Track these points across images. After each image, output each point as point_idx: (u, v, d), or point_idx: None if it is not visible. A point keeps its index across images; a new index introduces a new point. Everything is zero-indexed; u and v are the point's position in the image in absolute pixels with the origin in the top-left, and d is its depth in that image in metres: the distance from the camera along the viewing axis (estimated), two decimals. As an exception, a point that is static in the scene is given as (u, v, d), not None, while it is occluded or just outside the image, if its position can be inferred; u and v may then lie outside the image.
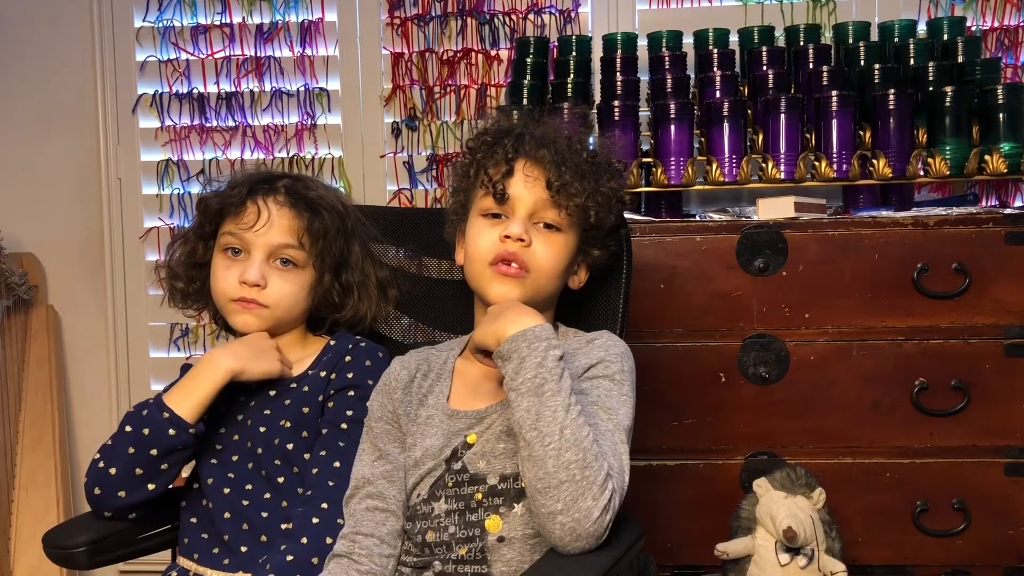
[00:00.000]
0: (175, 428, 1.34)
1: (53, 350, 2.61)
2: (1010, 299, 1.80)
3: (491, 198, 1.33)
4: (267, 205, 1.45)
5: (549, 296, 1.36)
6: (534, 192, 1.32)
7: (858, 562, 1.83)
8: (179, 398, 1.36)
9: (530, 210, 1.32)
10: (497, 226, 1.32)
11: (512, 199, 1.32)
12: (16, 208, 2.65)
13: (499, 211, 1.33)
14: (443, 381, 1.36)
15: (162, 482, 1.37)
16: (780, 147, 1.99)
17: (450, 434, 1.29)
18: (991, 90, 1.97)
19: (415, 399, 1.35)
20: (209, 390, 1.37)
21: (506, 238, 1.30)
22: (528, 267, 1.30)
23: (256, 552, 1.35)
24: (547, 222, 1.33)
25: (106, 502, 1.38)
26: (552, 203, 1.32)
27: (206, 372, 1.38)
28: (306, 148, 2.57)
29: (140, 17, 2.61)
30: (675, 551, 1.88)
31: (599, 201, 1.34)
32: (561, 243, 1.33)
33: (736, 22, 2.36)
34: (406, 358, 1.41)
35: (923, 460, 1.83)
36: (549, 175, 1.32)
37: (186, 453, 1.38)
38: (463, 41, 2.52)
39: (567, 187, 1.31)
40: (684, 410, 1.87)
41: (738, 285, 1.84)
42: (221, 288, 1.45)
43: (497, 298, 1.30)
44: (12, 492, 2.43)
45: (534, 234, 1.31)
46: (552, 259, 1.32)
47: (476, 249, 1.33)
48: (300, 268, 1.46)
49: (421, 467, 1.29)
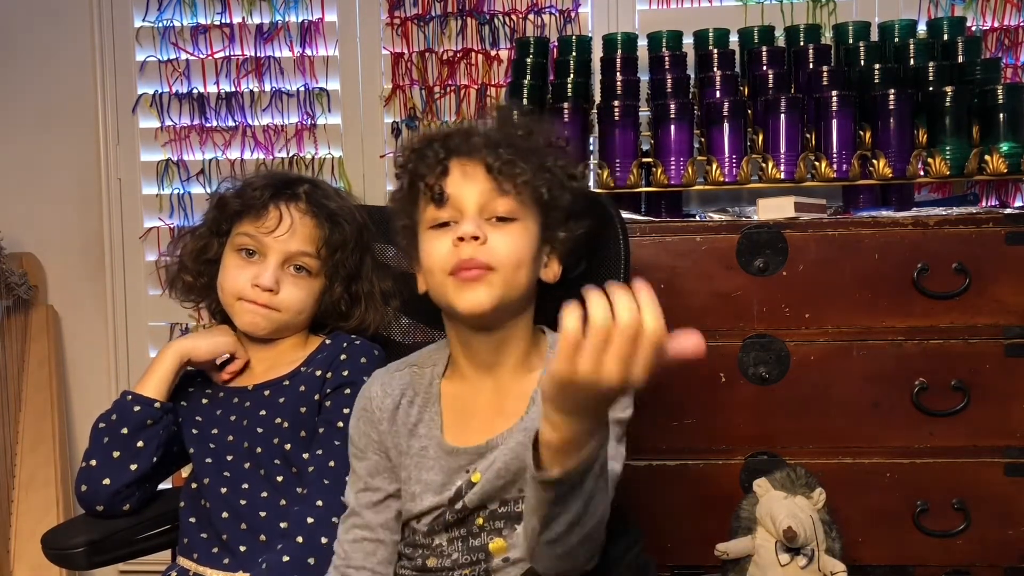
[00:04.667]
0: (139, 405, 1.41)
1: (53, 350, 2.61)
2: (1010, 299, 1.80)
3: (434, 205, 1.23)
4: (290, 211, 1.45)
5: (523, 292, 1.24)
6: (476, 184, 1.22)
7: (858, 562, 1.82)
8: (140, 385, 1.45)
9: (477, 205, 1.22)
10: (448, 233, 1.22)
11: (454, 198, 1.22)
12: (16, 208, 2.66)
13: (447, 217, 1.23)
14: (431, 407, 1.29)
15: (142, 462, 1.40)
16: (780, 147, 1.99)
17: (450, 471, 1.23)
18: (991, 90, 1.97)
19: (403, 429, 1.28)
20: (164, 371, 1.43)
21: (459, 240, 1.19)
22: (490, 264, 1.19)
23: (255, 551, 1.35)
24: (499, 215, 1.22)
25: (94, 494, 1.40)
26: (498, 191, 1.22)
27: (159, 357, 1.45)
28: (306, 148, 2.57)
29: (140, 17, 2.61)
30: (675, 551, 1.88)
31: (547, 178, 1.25)
32: (520, 231, 1.23)
33: (736, 22, 2.36)
34: (387, 380, 1.32)
35: (923, 460, 1.83)
36: (487, 159, 1.22)
37: (157, 429, 1.41)
38: (463, 41, 2.52)
39: (509, 166, 1.21)
40: (684, 410, 1.86)
41: (738, 285, 1.84)
42: (231, 286, 1.45)
43: (467, 308, 1.19)
44: (12, 492, 2.43)
45: (488, 229, 1.21)
46: (514, 249, 1.21)
47: (432, 262, 1.23)
48: (312, 276, 1.47)
49: (420, 502, 1.25)
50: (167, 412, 1.43)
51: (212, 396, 1.50)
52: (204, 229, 1.51)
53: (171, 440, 1.46)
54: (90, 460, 1.40)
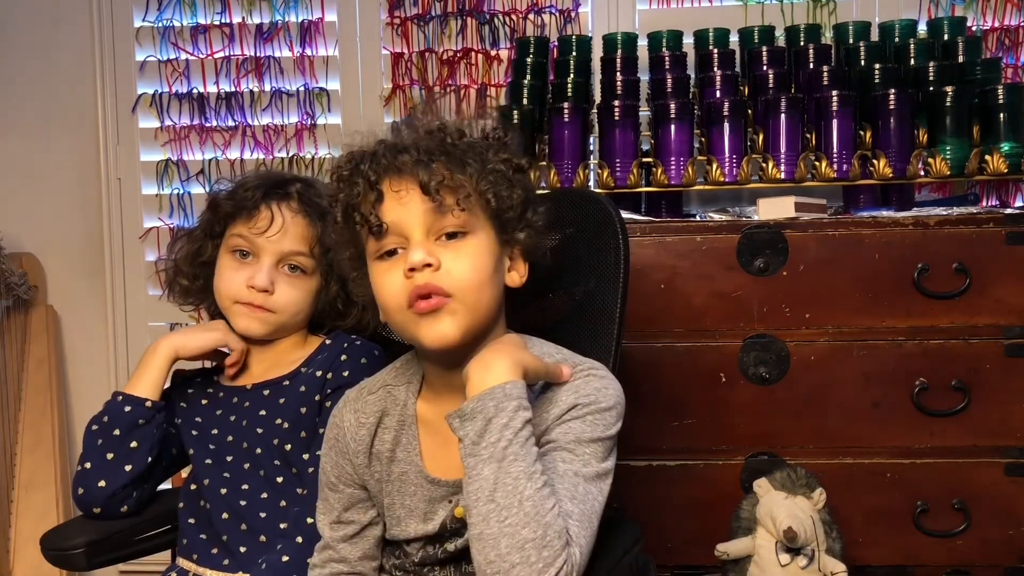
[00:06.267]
0: (130, 405, 1.41)
1: (53, 350, 2.61)
2: (1010, 299, 1.80)
3: (373, 237, 1.13)
4: (281, 211, 1.45)
5: (489, 309, 1.15)
6: (414, 207, 1.11)
7: (858, 562, 1.82)
8: (130, 385, 1.44)
9: (421, 228, 1.11)
10: (398, 263, 1.12)
11: (395, 225, 1.11)
12: (16, 208, 2.66)
13: (392, 245, 1.12)
14: (408, 431, 1.22)
15: (137, 462, 1.40)
16: (780, 147, 1.99)
17: (432, 500, 1.19)
18: (991, 90, 1.97)
19: (382, 460, 1.22)
20: (154, 370, 1.43)
21: (411, 271, 1.10)
22: (448, 291, 1.10)
23: (255, 552, 1.35)
24: (448, 232, 1.12)
25: (91, 498, 1.40)
26: (440, 209, 1.11)
27: (148, 355, 1.45)
28: (306, 148, 2.57)
29: (140, 17, 2.61)
30: (675, 551, 1.88)
31: (493, 180, 1.14)
32: (474, 247, 1.13)
33: (736, 22, 2.36)
34: (360, 407, 1.24)
35: (923, 460, 1.83)
36: (420, 179, 1.10)
37: (150, 428, 1.41)
38: (463, 41, 2.52)
39: (445, 182, 1.11)
40: (684, 410, 1.86)
41: (738, 285, 1.84)
42: (226, 289, 1.45)
43: (434, 342, 1.11)
44: (12, 492, 2.43)
45: (440, 251, 1.11)
46: (472, 269, 1.11)
47: (386, 298, 1.13)
48: (308, 275, 1.46)
49: (406, 527, 1.21)
50: (159, 411, 1.42)
51: (212, 396, 1.49)
52: (198, 231, 1.51)
53: (169, 441, 1.46)
54: (85, 463, 1.41)
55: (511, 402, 1.01)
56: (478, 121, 1.22)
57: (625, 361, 1.38)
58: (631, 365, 1.81)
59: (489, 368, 1.05)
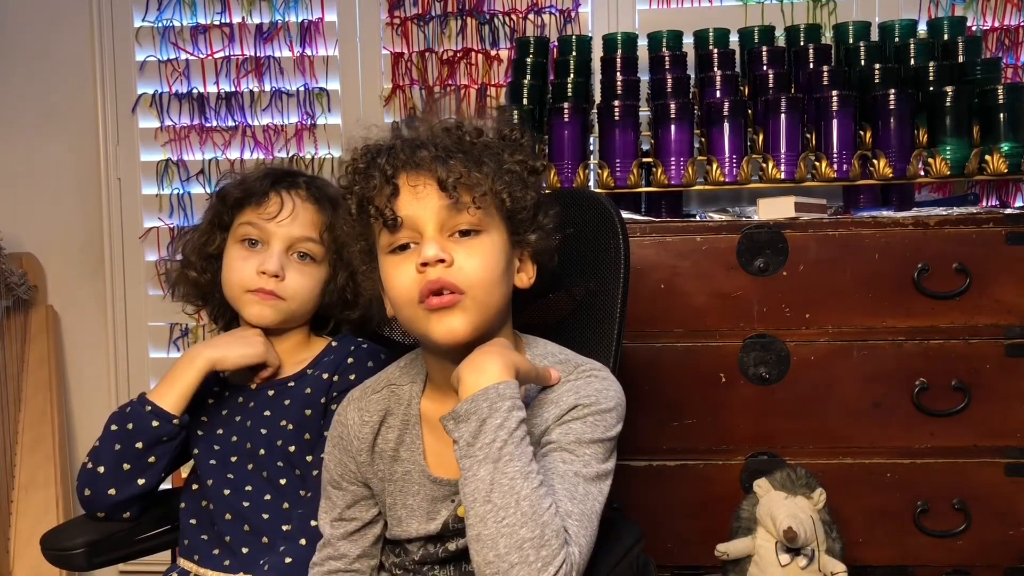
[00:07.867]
0: (158, 419, 1.36)
1: (53, 350, 2.61)
2: (1010, 299, 1.80)
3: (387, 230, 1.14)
4: (291, 197, 1.45)
5: (499, 308, 1.15)
6: (430, 202, 1.12)
7: (858, 562, 1.82)
8: (160, 393, 1.38)
9: (436, 224, 1.12)
10: (410, 257, 1.12)
11: (409, 220, 1.12)
12: (16, 208, 2.66)
13: (405, 239, 1.13)
14: (412, 430, 1.22)
15: (151, 476, 1.38)
16: (780, 147, 1.99)
17: (434, 499, 1.19)
18: (991, 90, 1.97)
19: (385, 458, 1.22)
20: (189, 381, 1.38)
21: (423, 266, 1.10)
22: (461, 287, 1.10)
23: (257, 553, 1.35)
24: (462, 229, 1.12)
25: (97, 502, 1.38)
26: (456, 206, 1.11)
27: (184, 364, 1.39)
28: (306, 148, 2.57)
29: (140, 17, 2.61)
30: (675, 551, 1.88)
31: (508, 180, 1.15)
32: (487, 246, 1.13)
33: (736, 22, 2.36)
34: (364, 405, 1.25)
35: (923, 460, 1.83)
36: (438, 175, 1.11)
37: (172, 444, 1.38)
38: (463, 41, 2.52)
39: (463, 180, 1.11)
40: (684, 410, 1.86)
41: (738, 285, 1.84)
42: (237, 278, 1.43)
43: (444, 337, 1.11)
44: (12, 492, 2.43)
45: (452, 247, 1.11)
46: (485, 267, 1.12)
47: (397, 292, 1.13)
48: (317, 263, 1.45)
49: (407, 527, 1.21)
50: (183, 427, 1.39)
51: (218, 395, 1.48)
52: (206, 224, 1.50)
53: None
54: (98, 465, 1.37)
55: (505, 402, 1.02)
56: (494, 121, 1.22)
57: (625, 361, 1.38)
58: (631, 365, 1.81)
59: (481, 369, 1.05)
